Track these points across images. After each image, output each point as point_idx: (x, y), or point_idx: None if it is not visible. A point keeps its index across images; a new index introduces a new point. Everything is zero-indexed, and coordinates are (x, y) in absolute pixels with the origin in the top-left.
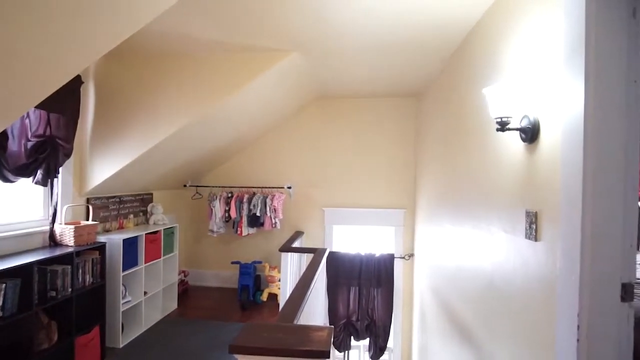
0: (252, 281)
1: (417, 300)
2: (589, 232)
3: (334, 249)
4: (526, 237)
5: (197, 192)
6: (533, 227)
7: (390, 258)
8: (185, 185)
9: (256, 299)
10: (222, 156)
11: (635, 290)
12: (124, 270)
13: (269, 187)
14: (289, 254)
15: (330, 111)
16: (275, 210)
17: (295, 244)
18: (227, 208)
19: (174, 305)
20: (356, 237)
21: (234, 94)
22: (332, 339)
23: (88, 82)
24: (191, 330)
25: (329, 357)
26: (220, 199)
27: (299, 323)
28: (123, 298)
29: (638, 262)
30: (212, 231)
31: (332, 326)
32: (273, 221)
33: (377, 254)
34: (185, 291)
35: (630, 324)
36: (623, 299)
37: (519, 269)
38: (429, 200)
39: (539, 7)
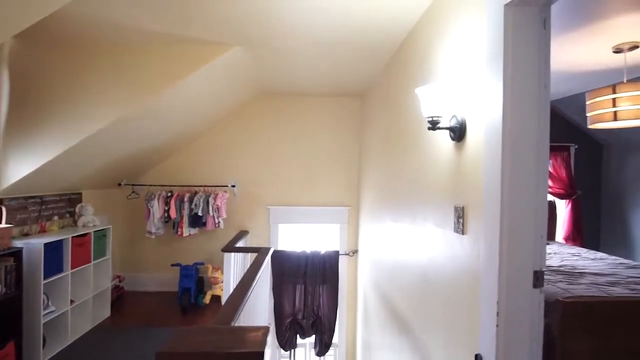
0: (194, 283)
1: (360, 295)
2: (507, 225)
3: (280, 248)
4: (455, 231)
5: (133, 192)
6: (460, 221)
7: (335, 255)
8: (119, 184)
9: (198, 301)
10: (161, 153)
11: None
12: (45, 277)
13: (212, 186)
14: (232, 254)
15: (276, 108)
16: (218, 210)
17: (240, 244)
18: (166, 208)
19: (106, 313)
20: (302, 235)
21: (172, 86)
22: (267, 339)
23: (1, 67)
24: (124, 339)
25: (262, 359)
26: (159, 199)
27: (239, 324)
28: (45, 308)
29: (550, 252)
30: (150, 232)
31: (268, 326)
32: (216, 221)
33: (323, 252)
34: (120, 297)
35: (541, 308)
36: (535, 286)
37: (449, 261)
38: (372, 197)
39: (468, 14)
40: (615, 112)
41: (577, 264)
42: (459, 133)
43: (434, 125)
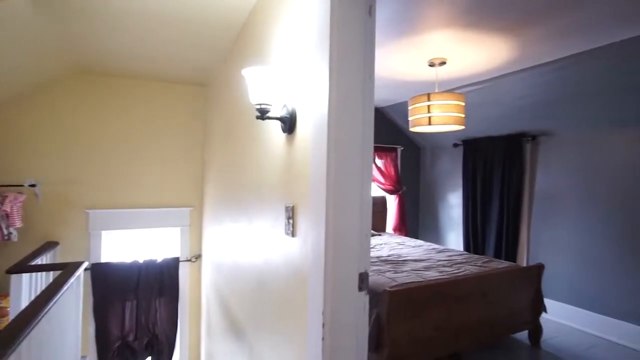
0: None
1: (204, 304)
2: (332, 225)
3: (103, 260)
4: (286, 233)
5: None
6: (291, 222)
7: (175, 262)
8: None
9: None
10: None
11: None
12: None
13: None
14: (25, 275)
15: (103, 91)
16: (7, 217)
17: (43, 260)
18: None
19: None
20: (133, 243)
21: None
22: None
23: None
24: None
25: None
26: None
27: None
28: None
29: (381, 243)
30: None
31: None
32: (5, 232)
33: (160, 260)
34: None
35: (366, 311)
36: (360, 289)
37: (282, 267)
38: (215, 196)
39: None
40: (429, 118)
41: (402, 252)
42: (289, 124)
43: (262, 113)
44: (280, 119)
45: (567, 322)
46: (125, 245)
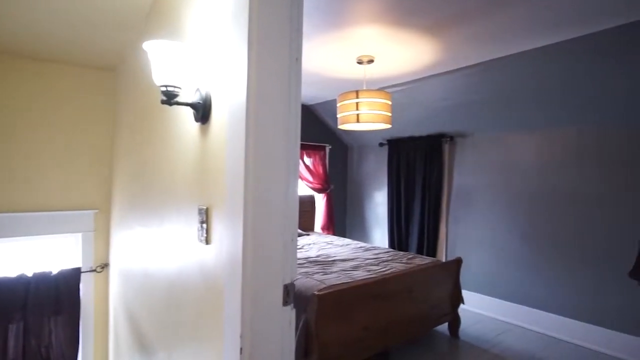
0: None
1: (112, 321)
2: (251, 229)
3: None
4: (199, 240)
5: None
6: (204, 227)
7: (75, 274)
8: None
9: None
10: None
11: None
12: None
13: None
14: None
15: None
16: None
17: None
18: None
19: None
20: (20, 254)
21: None
22: None
23: None
24: None
25: None
26: None
27: None
28: None
29: (310, 242)
30: None
31: None
32: None
33: (55, 272)
34: None
35: (292, 327)
36: (285, 303)
37: (197, 278)
38: (124, 196)
39: None
40: (358, 115)
41: (330, 251)
42: (203, 112)
43: (169, 98)
44: (192, 105)
45: (482, 311)
46: (11, 257)
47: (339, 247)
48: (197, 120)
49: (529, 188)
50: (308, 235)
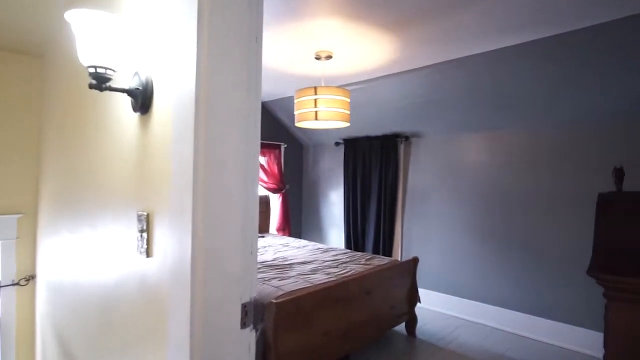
0: None
1: (39, 342)
2: (202, 239)
3: None
4: (139, 252)
5: None
6: (144, 236)
7: None
8: None
9: None
10: None
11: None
12: None
13: None
14: None
15: None
16: None
17: None
18: None
19: None
20: None
21: None
22: None
23: None
24: None
25: None
26: None
27: None
28: None
29: (265, 245)
30: None
31: None
32: None
33: None
34: None
35: (252, 353)
36: (244, 324)
37: (135, 297)
38: (53, 200)
39: None
40: (316, 112)
41: (287, 254)
42: (142, 100)
43: (100, 82)
44: (128, 91)
45: (438, 309)
46: None
47: (295, 249)
48: (135, 110)
49: (480, 188)
50: (263, 237)
